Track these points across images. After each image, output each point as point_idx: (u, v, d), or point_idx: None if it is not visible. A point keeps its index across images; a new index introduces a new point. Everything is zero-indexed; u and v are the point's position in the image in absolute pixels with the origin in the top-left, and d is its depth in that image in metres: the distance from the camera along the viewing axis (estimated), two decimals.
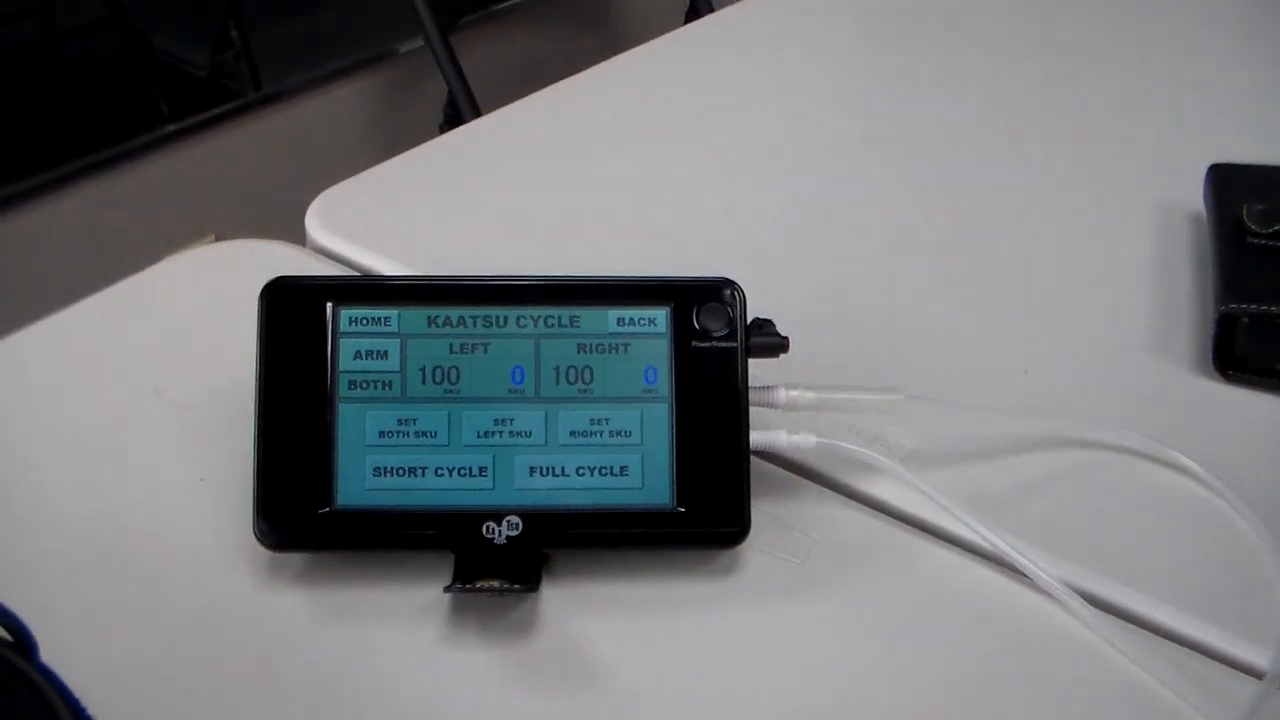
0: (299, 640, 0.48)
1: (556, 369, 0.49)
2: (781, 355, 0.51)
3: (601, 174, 0.79)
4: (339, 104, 2.19)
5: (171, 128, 2.03)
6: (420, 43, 1.86)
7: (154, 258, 0.70)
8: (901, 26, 1.00)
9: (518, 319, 0.50)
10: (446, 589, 0.47)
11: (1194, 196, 0.72)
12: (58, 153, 1.92)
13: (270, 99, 2.11)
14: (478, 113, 1.68)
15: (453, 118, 1.74)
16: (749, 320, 0.51)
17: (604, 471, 0.49)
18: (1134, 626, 0.49)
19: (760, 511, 0.50)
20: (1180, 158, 0.77)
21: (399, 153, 0.81)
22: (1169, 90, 0.90)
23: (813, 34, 0.99)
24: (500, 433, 0.49)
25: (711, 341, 0.50)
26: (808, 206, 0.76)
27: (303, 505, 0.48)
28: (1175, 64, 0.94)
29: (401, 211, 0.75)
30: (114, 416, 0.58)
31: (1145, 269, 0.70)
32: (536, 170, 0.80)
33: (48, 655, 0.37)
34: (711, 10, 1.85)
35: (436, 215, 0.74)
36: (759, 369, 0.51)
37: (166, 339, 0.63)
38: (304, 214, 0.73)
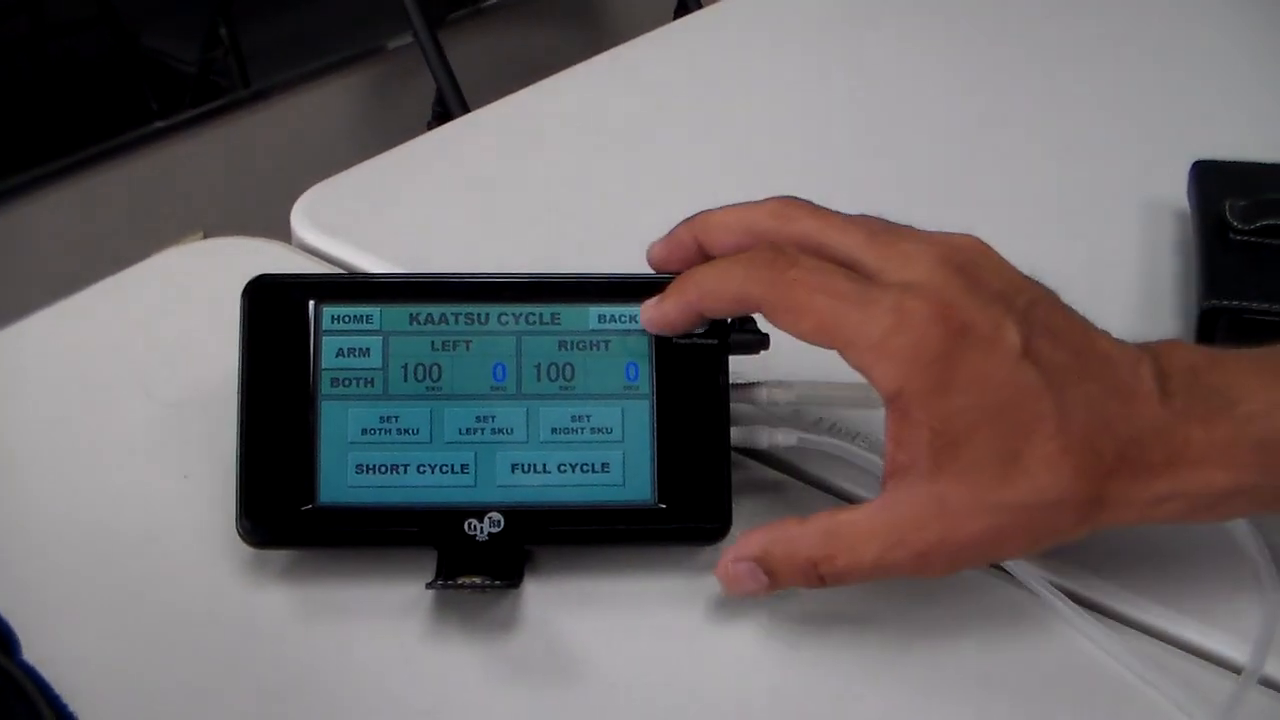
0: (282, 637, 0.48)
1: (538, 366, 0.50)
2: (762, 352, 0.51)
3: (588, 170, 0.79)
4: (327, 100, 2.19)
5: (160, 124, 2.03)
6: (409, 39, 1.86)
7: (142, 254, 0.70)
8: (889, 22, 1.00)
9: (499, 316, 0.50)
10: (429, 586, 0.47)
11: (1177, 193, 0.72)
12: (46, 149, 1.92)
13: (259, 96, 2.11)
14: (466, 109, 1.68)
15: (441, 114, 1.74)
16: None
17: (585, 468, 0.49)
18: (1113, 621, 0.49)
19: (742, 508, 0.50)
20: (1164, 154, 0.77)
21: (387, 149, 0.81)
22: (1153, 86, 0.90)
23: (802, 29, 0.99)
24: (482, 430, 0.49)
25: (692, 339, 0.50)
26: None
27: (285, 502, 0.49)
28: (1159, 60, 0.94)
29: (387, 208, 0.75)
30: (99, 414, 0.58)
31: (1128, 265, 0.70)
32: (522, 167, 0.80)
33: (30, 652, 0.37)
34: (700, 6, 1.85)
35: (422, 212, 0.75)
36: (740, 366, 0.51)
37: (153, 336, 0.63)
38: (291, 211, 0.73)
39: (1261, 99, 0.89)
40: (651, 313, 0.49)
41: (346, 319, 0.50)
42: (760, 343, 0.51)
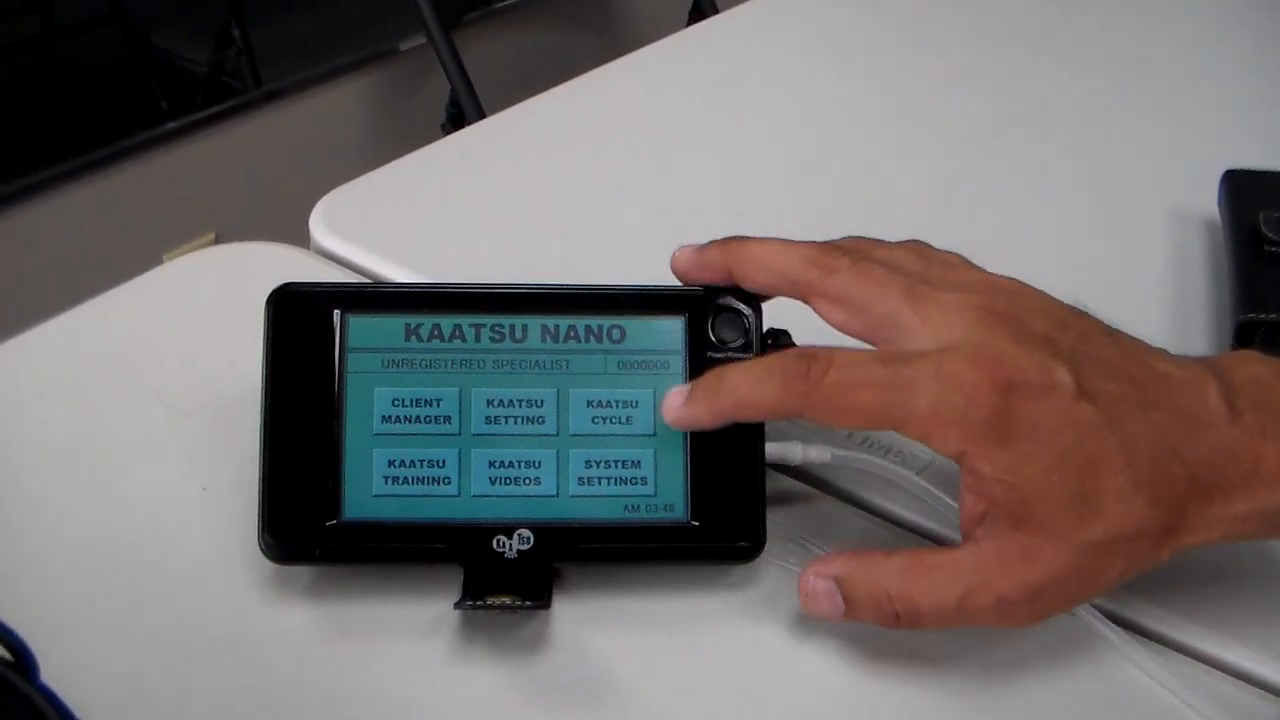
0: (305, 655, 0.47)
1: (570, 379, 0.49)
2: None
3: (611, 176, 0.79)
4: (340, 102, 2.19)
5: (171, 125, 2.02)
6: (422, 40, 1.85)
7: (153, 257, 0.69)
8: (909, 28, 0.99)
9: (531, 328, 0.49)
10: (456, 606, 0.46)
11: (1208, 203, 0.71)
12: (57, 150, 1.92)
13: (271, 96, 2.11)
14: (481, 112, 1.68)
15: (455, 116, 1.73)
16: (765, 330, 0.50)
17: (617, 484, 0.48)
18: (1154, 643, 0.48)
19: (775, 525, 0.49)
20: (1194, 163, 0.76)
21: (400, 151, 0.80)
22: (1183, 93, 0.89)
23: (819, 35, 0.98)
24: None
25: (727, 352, 0.49)
26: (818, 212, 0.75)
27: (309, 518, 0.47)
28: (1190, 66, 0.93)
29: (409, 214, 0.74)
30: (115, 423, 0.57)
31: (1158, 278, 0.69)
32: (546, 172, 0.79)
33: (47, 671, 0.36)
34: (716, 11, 1.84)
35: (444, 218, 0.74)
36: None
37: (168, 344, 0.62)
38: (304, 213, 0.72)
39: None
40: (678, 414, 0.47)
41: (373, 330, 0.49)
42: None
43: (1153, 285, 0.69)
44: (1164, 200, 0.76)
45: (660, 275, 0.51)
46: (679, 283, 0.50)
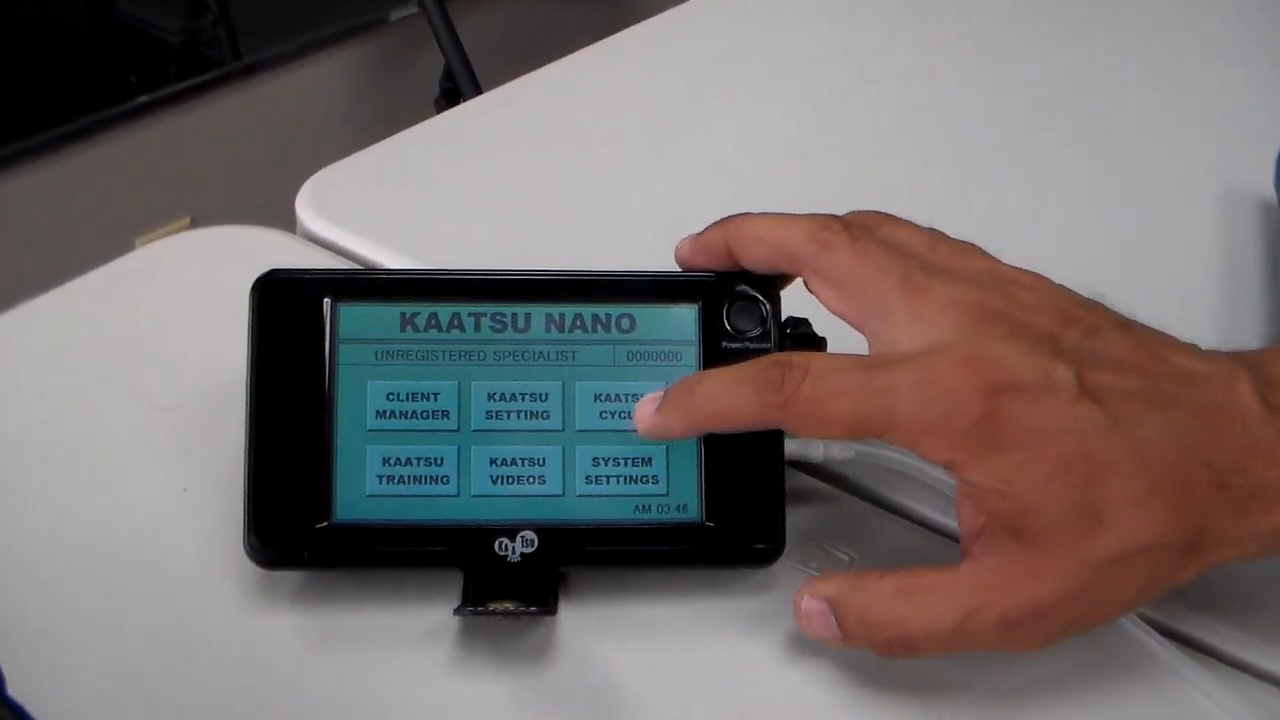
0: (294, 666, 0.47)
1: (576, 371, 0.49)
2: None
3: (618, 156, 0.79)
4: (325, 75, 2.19)
5: (142, 99, 2.02)
6: (414, 9, 1.85)
7: (122, 243, 0.69)
8: None
9: (535, 317, 0.49)
10: (456, 612, 0.47)
11: (1263, 181, 0.71)
12: (14, 127, 1.92)
13: (250, 69, 2.11)
14: (478, 87, 1.68)
15: (450, 91, 1.74)
16: (783, 319, 0.50)
17: (627, 483, 0.49)
18: (1208, 658, 0.48)
19: (795, 526, 0.50)
20: (1248, 139, 0.76)
21: (389, 128, 0.80)
22: (1235, 65, 0.90)
23: (839, 6, 0.98)
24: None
25: (743, 342, 0.50)
26: (839, 194, 0.75)
27: (298, 519, 0.48)
28: (1243, 39, 0.93)
29: (402, 196, 0.75)
30: (87, 421, 0.58)
31: (1210, 260, 0.70)
32: (548, 151, 0.79)
33: (15, 685, 0.36)
34: None
35: (440, 200, 0.74)
36: None
37: (143, 335, 0.63)
38: (288, 195, 0.72)
39: None
40: (650, 423, 0.47)
41: (366, 319, 0.49)
42: (817, 348, 0.51)
43: (1201, 272, 0.69)
44: (1214, 180, 0.76)
45: (672, 262, 0.51)
46: None
